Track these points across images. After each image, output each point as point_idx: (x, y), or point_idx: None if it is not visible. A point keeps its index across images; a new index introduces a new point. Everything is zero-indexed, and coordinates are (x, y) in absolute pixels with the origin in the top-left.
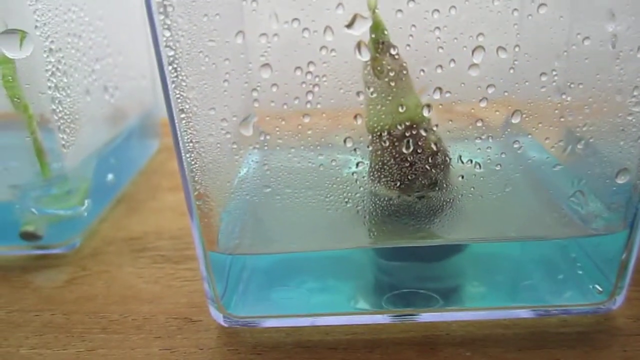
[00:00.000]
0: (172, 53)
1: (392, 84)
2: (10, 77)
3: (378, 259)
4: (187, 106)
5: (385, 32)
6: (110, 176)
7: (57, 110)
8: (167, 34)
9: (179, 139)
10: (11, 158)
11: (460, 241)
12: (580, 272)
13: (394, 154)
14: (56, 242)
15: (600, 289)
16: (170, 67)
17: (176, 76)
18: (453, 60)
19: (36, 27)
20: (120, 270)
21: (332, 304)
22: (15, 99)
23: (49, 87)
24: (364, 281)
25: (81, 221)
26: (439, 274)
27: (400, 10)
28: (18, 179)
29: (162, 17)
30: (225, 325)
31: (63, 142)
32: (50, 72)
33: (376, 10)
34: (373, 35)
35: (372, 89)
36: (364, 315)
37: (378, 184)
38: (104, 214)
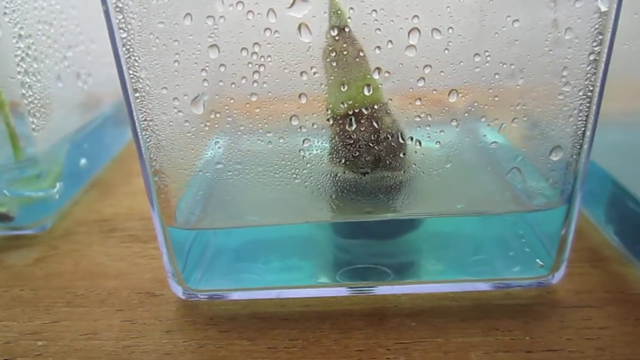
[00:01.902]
0: (124, 35)
1: (334, 63)
2: None
3: (334, 236)
4: (140, 85)
5: (339, 14)
6: (83, 161)
7: (27, 95)
8: (120, 16)
9: (135, 117)
10: None
11: (408, 216)
12: (526, 248)
13: (338, 131)
14: (28, 223)
15: (541, 263)
16: (123, 49)
17: (129, 57)
18: (390, 41)
19: (5, 13)
20: (89, 249)
21: (289, 279)
22: None
23: (19, 72)
24: (320, 257)
25: (53, 203)
26: (391, 251)
27: None
28: None
29: (120, 4)
30: (184, 298)
31: (33, 126)
32: (19, 58)
33: None
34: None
35: (314, 69)
36: (320, 288)
37: (327, 162)
38: (77, 197)
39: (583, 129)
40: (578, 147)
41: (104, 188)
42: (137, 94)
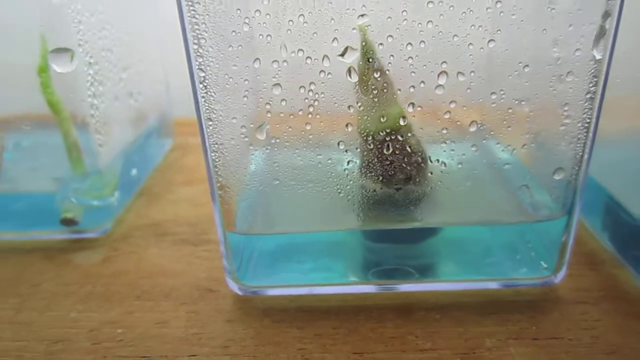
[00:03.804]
0: (202, 74)
1: (375, 99)
2: (47, 85)
3: (365, 240)
4: (214, 115)
5: (371, 58)
6: (134, 171)
7: (95, 115)
8: (200, 59)
9: (206, 141)
10: (53, 155)
11: (432, 225)
12: (533, 253)
13: (377, 154)
14: (91, 227)
15: (545, 265)
16: (200, 85)
17: (206, 92)
18: (423, 82)
19: (79, 44)
20: (146, 251)
21: (327, 277)
22: (55, 108)
23: (89, 95)
24: (354, 259)
25: (111, 210)
26: (416, 253)
27: (381, 44)
28: (60, 173)
29: (195, 46)
30: (240, 293)
31: (99, 142)
32: (89, 83)
33: (366, 37)
34: (360, 62)
35: (359, 103)
36: (354, 285)
37: (365, 179)
38: (129, 204)
39: (581, 153)
40: (577, 168)
41: (150, 196)
42: (210, 122)
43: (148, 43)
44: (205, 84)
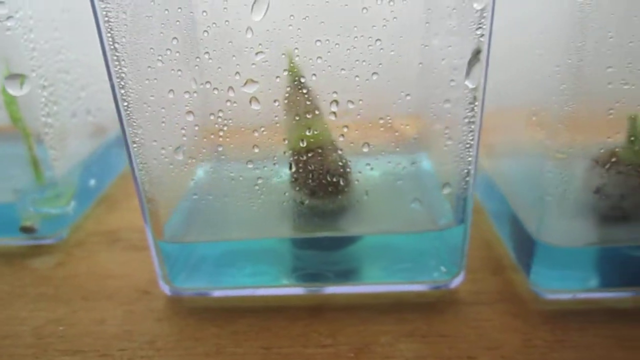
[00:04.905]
0: (125, 103)
1: (300, 118)
2: (14, 109)
3: (294, 248)
4: (137, 139)
5: (297, 79)
6: (92, 181)
7: (49, 132)
8: (122, 90)
9: (133, 160)
10: (14, 168)
11: (351, 234)
12: (436, 258)
13: (303, 169)
14: (48, 234)
15: (444, 269)
16: (125, 113)
17: (129, 118)
18: (317, 109)
19: (32, 70)
20: (98, 256)
21: (252, 281)
22: (19, 125)
23: (42, 115)
24: (279, 265)
25: (68, 218)
26: (337, 259)
27: (278, 77)
28: (20, 185)
29: (118, 80)
30: (170, 294)
31: (53, 157)
32: (44, 104)
33: (292, 61)
34: (288, 87)
35: (288, 121)
36: (277, 288)
37: (294, 190)
38: (87, 212)
39: (466, 170)
40: (464, 184)
41: (110, 204)
42: (134, 145)
43: None
44: (129, 112)
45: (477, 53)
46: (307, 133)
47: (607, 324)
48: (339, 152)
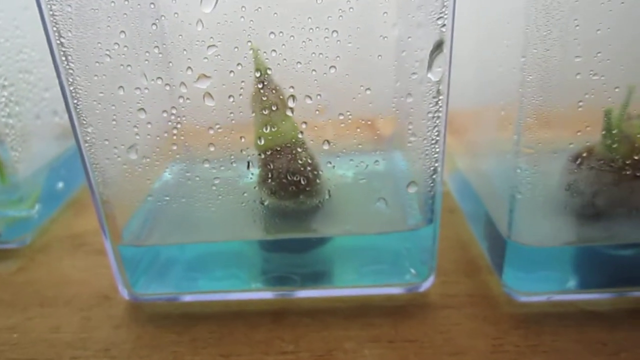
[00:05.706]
0: (76, 101)
1: (268, 116)
2: None
3: (261, 250)
4: (89, 138)
5: (263, 75)
6: (60, 184)
7: (10, 133)
8: (71, 87)
9: (86, 160)
10: None
11: (320, 235)
12: (406, 260)
13: (270, 169)
14: (11, 239)
15: (414, 272)
16: (75, 111)
17: (79, 117)
18: (275, 105)
19: None
20: (60, 261)
21: (215, 285)
22: None
23: (2, 116)
24: (243, 268)
25: (32, 222)
26: (305, 262)
27: (232, 72)
28: None
29: (66, 76)
30: (128, 299)
31: (15, 158)
32: (3, 104)
33: (258, 57)
34: (257, 74)
35: (255, 119)
36: (242, 292)
37: (262, 192)
38: (54, 215)
39: (433, 168)
40: (431, 182)
41: (78, 207)
42: (86, 144)
43: None
44: (78, 110)
45: (439, 45)
46: (271, 130)
47: (582, 328)
48: (306, 150)
